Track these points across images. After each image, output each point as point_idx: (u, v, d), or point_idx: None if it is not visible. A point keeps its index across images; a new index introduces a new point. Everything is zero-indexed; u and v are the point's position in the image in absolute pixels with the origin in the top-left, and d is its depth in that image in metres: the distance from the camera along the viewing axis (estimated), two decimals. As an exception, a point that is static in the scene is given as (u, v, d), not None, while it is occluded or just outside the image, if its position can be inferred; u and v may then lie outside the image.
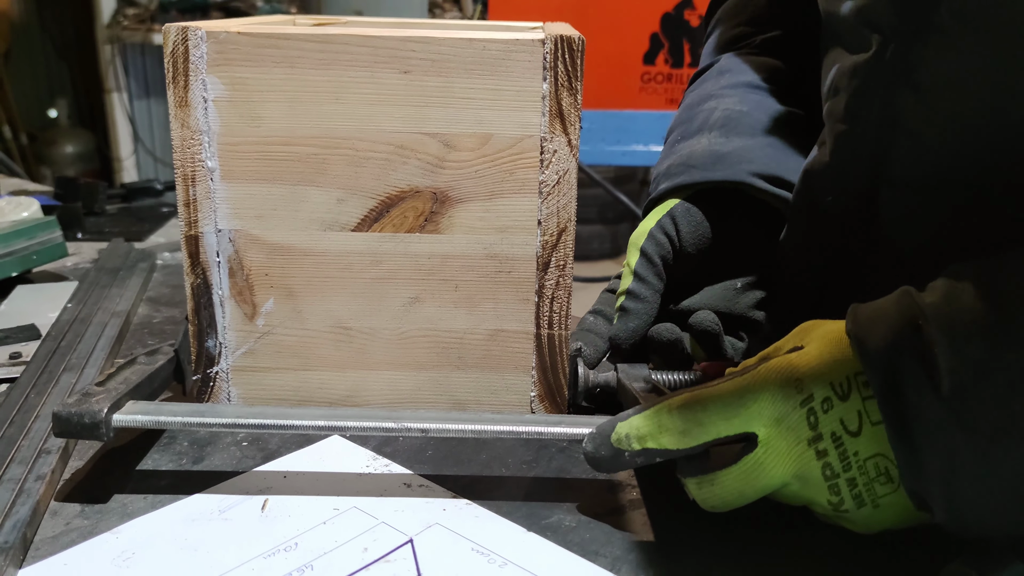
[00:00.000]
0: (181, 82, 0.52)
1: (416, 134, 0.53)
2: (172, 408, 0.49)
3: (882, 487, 0.41)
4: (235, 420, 0.48)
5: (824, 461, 0.41)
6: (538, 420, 0.49)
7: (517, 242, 0.55)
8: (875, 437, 0.40)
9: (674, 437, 0.42)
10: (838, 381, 0.40)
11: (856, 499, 0.41)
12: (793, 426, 0.41)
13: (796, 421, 0.41)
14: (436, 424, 0.48)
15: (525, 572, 0.42)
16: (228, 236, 0.55)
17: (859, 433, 0.40)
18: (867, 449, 0.40)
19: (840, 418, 0.40)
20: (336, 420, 0.48)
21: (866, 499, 0.41)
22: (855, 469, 0.41)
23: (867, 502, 0.41)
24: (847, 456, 0.41)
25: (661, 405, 0.43)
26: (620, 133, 2.15)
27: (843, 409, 0.40)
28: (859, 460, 0.40)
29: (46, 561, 0.43)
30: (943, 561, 0.39)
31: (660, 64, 2.15)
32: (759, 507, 0.47)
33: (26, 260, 0.82)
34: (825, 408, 0.41)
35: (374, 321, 0.56)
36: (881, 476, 0.40)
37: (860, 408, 0.40)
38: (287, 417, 0.48)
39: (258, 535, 0.45)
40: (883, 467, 0.40)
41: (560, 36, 0.51)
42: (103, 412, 0.47)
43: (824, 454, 0.41)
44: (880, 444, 0.40)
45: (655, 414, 0.43)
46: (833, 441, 0.41)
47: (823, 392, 0.41)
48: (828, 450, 0.41)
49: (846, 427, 0.40)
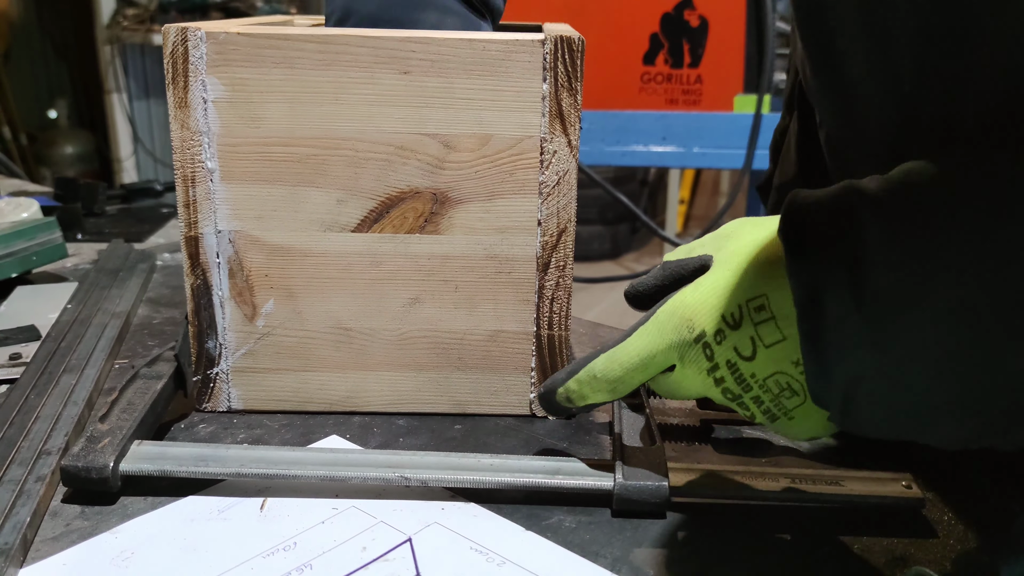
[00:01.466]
0: (180, 83, 0.52)
1: (416, 135, 0.53)
2: (177, 453, 0.49)
3: (789, 400, 0.42)
4: (239, 470, 0.48)
5: (723, 387, 0.43)
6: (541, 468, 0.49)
7: (517, 243, 0.55)
8: (771, 357, 0.42)
9: (605, 395, 0.47)
10: (729, 312, 0.43)
11: (767, 414, 0.43)
12: (693, 359, 0.44)
13: (695, 356, 0.44)
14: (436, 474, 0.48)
15: (524, 571, 0.42)
16: (228, 237, 0.55)
17: (754, 357, 0.42)
18: (764, 370, 0.42)
19: (734, 346, 0.42)
20: (337, 470, 0.48)
21: (777, 413, 0.43)
22: (757, 389, 0.43)
23: (779, 416, 0.43)
24: (744, 379, 0.43)
25: (585, 371, 0.47)
26: (620, 133, 2.15)
27: (736, 337, 0.42)
28: (757, 380, 0.42)
29: (45, 561, 0.43)
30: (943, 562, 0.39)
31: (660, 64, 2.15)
32: (759, 507, 0.48)
33: (26, 261, 0.82)
34: (719, 340, 0.43)
35: (374, 322, 0.56)
36: (785, 391, 0.42)
37: (752, 334, 0.42)
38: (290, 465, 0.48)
39: (257, 535, 0.45)
40: (784, 383, 0.42)
41: (560, 36, 0.51)
42: (109, 466, 0.47)
43: (722, 381, 0.43)
44: (777, 363, 0.42)
45: (585, 378, 0.47)
46: (729, 368, 0.43)
47: (714, 326, 0.43)
48: (725, 377, 0.43)
49: (740, 354, 0.42)
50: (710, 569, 0.43)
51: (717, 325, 0.43)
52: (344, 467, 0.48)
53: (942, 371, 0.37)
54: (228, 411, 0.58)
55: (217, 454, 0.49)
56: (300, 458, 0.49)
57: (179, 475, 0.48)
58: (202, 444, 0.51)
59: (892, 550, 0.45)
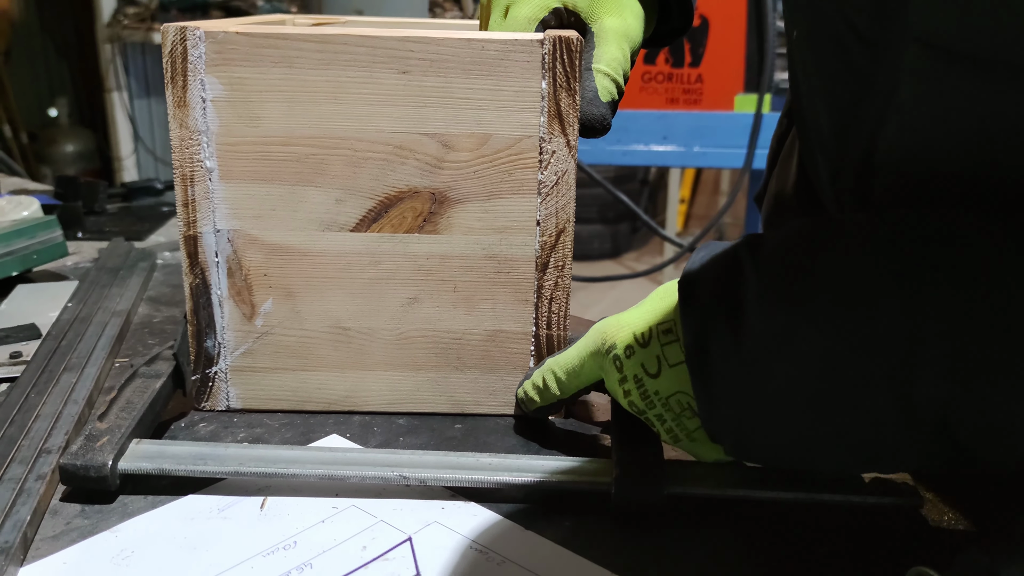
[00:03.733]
0: (179, 82, 0.52)
1: (415, 134, 0.53)
2: (176, 452, 0.49)
3: (690, 421, 0.46)
4: (238, 468, 0.48)
5: (630, 399, 0.48)
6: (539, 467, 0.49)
7: (516, 243, 0.55)
8: (675, 376, 0.46)
9: (553, 397, 0.54)
10: (640, 331, 0.47)
11: (670, 433, 0.47)
12: (608, 370, 0.49)
13: (608, 366, 0.49)
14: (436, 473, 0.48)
15: (524, 571, 0.42)
16: (227, 236, 0.55)
17: (658, 375, 0.46)
18: (667, 388, 0.46)
19: (641, 362, 0.47)
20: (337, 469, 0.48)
21: (679, 434, 0.47)
22: (660, 407, 0.47)
23: (682, 437, 0.47)
24: (648, 395, 0.47)
25: (533, 378, 0.55)
26: (620, 133, 2.15)
27: (643, 354, 0.47)
28: (661, 398, 0.46)
29: (45, 560, 0.43)
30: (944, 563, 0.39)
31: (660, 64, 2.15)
32: (758, 507, 0.48)
33: (26, 259, 0.82)
34: (628, 354, 0.47)
35: (373, 321, 0.56)
36: (686, 411, 0.46)
37: (659, 353, 0.46)
38: (290, 464, 0.48)
39: (257, 534, 0.45)
40: (685, 403, 0.46)
41: (559, 36, 0.51)
42: (108, 465, 0.47)
43: (629, 393, 0.48)
44: (680, 383, 0.46)
45: (532, 385, 0.55)
46: (635, 382, 0.47)
47: (625, 342, 0.48)
48: (631, 391, 0.47)
49: (646, 370, 0.47)
50: (708, 568, 0.43)
51: (627, 341, 0.48)
52: (344, 466, 0.48)
53: (810, 410, 0.41)
54: (227, 410, 0.58)
55: (216, 453, 0.49)
56: (300, 457, 0.49)
57: (178, 474, 0.48)
58: (201, 443, 0.51)
59: (892, 550, 0.45)
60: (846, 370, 0.39)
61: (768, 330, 0.41)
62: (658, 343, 0.46)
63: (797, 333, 0.40)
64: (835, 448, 0.42)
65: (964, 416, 0.38)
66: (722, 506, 0.48)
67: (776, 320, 0.41)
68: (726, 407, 0.43)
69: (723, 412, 0.43)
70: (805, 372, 0.40)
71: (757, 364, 0.41)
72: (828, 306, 0.40)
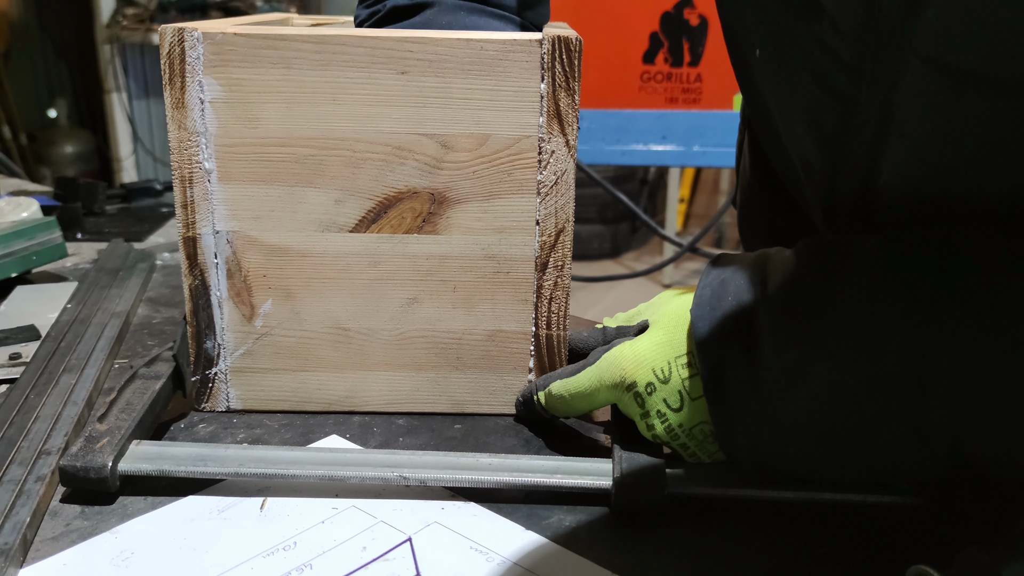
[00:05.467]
0: (178, 83, 0.52)
1: (414, 135, 0.53)
2: (175, 453, 0.49)
3: (712, 445, 0.47)
4: (237, 469, 0.48)
5: (652, 434, 0.48)
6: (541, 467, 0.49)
7: (515, 243, 0.55)
8: (698, 408, 0.46)
9: (564, 412, 0.54)
10: (660, 367, 0.47)
11: (692, 457, 0.48)
12: (627, 404, 0.49)
13: (628, 402, 0.48)
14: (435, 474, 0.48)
15: (524, 571, 0.42)
16: (226, 237, 0.55)
17: (681, 409, 0.47)
18: (691, 420, 0.47)
19: (664, 398, 0.47)
20: (336, 470, 0.48)
21: (701, 456, 0.48)
22: (684, 437, 0.47)
23: (703, 458, 0.48)
24: (672, 429, 0.47)
25: (547, 390, 0.54)
26: (619, 132, 2.15)
27: (665, 391, 0.47)
28: (684, 430, 0.47)
29: (45, 561, 0.43)
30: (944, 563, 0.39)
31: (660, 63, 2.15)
32: (758, 506, 0.48)
33: (26, 260, 0.82)
34: (649, 391, 0.47)
35: (372, 322, 0.56)
36: (709, 438, 0.47)
37: (680, 388, 0.47)
38: (290, 465, 0.48)
39: (257, 534, 0.45)
40: (708, 431, 0.47)
41: (558, 36, 0.51)
42: (107, 466, 0.47)
43: (652, 428, 0.48)
44: (702, 414, 0.46)
45: (547, 397, 0.54)
46: (659, 418, 0.47)
47: (645, 379, 0.47)
48: (655, 425, 0.47)
49: (669, 406, 0.47)
50: (708, 568, 0.43)
51: (648, 379, 0.47)
52: (344, 467, 0.48)
53: (825, 438, 0.43)
54: (227, 411, 0.58)
55: (216, 454, 0.49)
56: (300, 458, 0.49)
57: (177, 475, 0.48)
58: (201, 444, 0.51)
59: (892, 549, 0.45)
60: (859, 403, 0.41)
61: (782, 366, 0.42)
62: (679, 377, 0.47)
63: (810, 369, 0.42)
64: (851, 469, 0.44)
65: (977, 440, 0.40)
66: (722, 506, 0.48)
67: (789, 356, 0.42)
68: (743, 437, 0.45)
69: (741, 441, 0.45)
70: (819, 405, 0.42)
71: (772, 398, 0.43)
72: (840, 341, 0.41)
